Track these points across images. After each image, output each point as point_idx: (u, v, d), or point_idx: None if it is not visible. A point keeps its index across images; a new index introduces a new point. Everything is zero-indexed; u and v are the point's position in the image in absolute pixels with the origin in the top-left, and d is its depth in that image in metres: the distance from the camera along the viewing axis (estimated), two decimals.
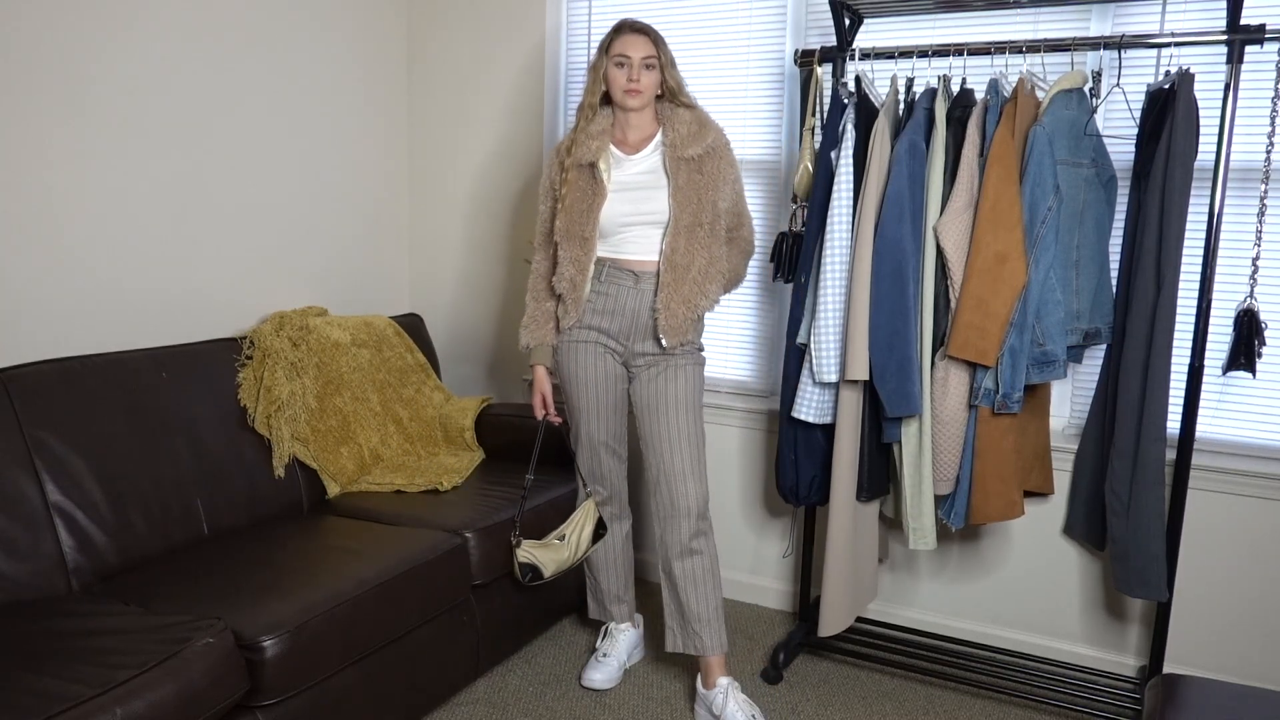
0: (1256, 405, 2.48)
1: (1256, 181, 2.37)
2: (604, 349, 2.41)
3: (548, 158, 2.48)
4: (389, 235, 3.45)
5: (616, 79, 2.31)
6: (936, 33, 2.65)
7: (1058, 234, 2.25)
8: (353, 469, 2.77)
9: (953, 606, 2.84)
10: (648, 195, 2.33)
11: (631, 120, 2.36)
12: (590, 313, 2.39)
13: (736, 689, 2.37)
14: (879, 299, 2.32)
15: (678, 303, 2.31)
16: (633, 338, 2.39)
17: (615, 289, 2.37)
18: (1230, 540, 2.50)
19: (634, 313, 2.37)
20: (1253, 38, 2.15)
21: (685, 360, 2.38)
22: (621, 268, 2.36)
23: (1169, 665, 2.54)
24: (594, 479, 2.56)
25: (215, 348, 2.59)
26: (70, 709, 1.52)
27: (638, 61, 2.29)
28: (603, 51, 2.34)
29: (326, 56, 3.09)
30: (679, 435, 2.37)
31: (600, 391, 2.44)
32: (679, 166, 2.31)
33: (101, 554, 2.14)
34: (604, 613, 2.68)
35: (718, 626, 2.39)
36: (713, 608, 2.39)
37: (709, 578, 2.38)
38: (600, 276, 2.37)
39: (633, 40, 2.30)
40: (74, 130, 2.37)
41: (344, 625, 2.02)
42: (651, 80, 2.32)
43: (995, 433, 2.33)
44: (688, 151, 2.30)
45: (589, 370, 2.42)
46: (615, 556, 2.65)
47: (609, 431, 2.50)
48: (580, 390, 2.45)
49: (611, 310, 2.37)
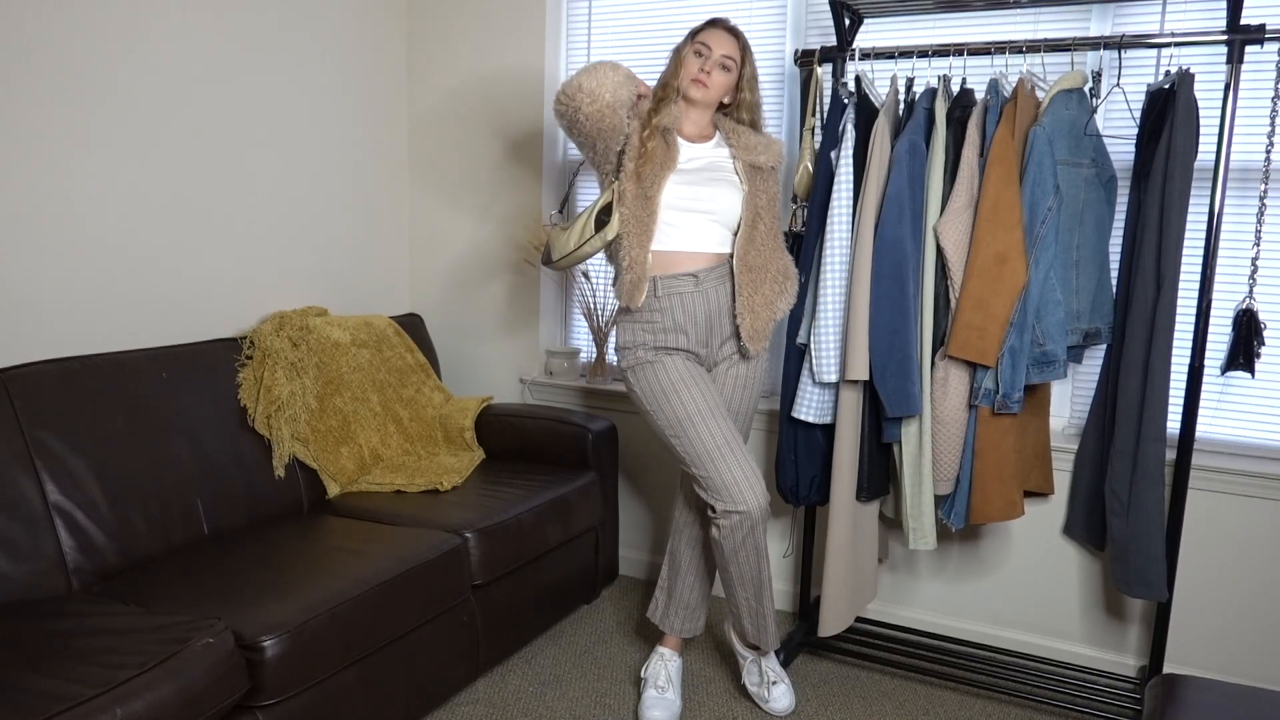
0: (1256, 405, 2.48)
1: (1256, 181, 2.37)
2: (687, 356, 2.28)
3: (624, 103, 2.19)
4: (389, 235, 3.45)
5: (689, 65, 2.25)
6: (936, 33, 2.65)
7: (1058, 234, 2.25)
8: (353, 469, 2.77)
9: (953, 606, 2.84)
10: (707, 185, 2.25)
11: (690, 114, 2.30)
12: (655, 332, 2.26)
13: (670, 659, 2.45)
14: (879, 299, 2.32)
15: (760, 304, 2.26)
16: (710, 342, 2.31)
17: (676, 301, 2.25)
18: (1230, 540, 2.50)
19: (707, 315, 2.27)
20: (1253, 38, 2.15)
21: (759, 364, 2.39)
22: (673, 274, 2.24)
23: (1169, 665, 2.54)
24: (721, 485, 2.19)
25: (215, 348, 2.59)
26: (70, 709, 1.52)
27: (717, 56, 2.24)
28: (690, 36, 2.29)
29: (327, 56, 3.09)
30: (744, 438, 2.40)
31: (705, 387, 2.23)
32: (752, 173, 2.28)
33: (101, 554, 2.14)
34: (672, 627, 2.47)
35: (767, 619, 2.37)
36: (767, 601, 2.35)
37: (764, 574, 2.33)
38: (655, 293, 2.24)
39: (720, 36, 2.26)
40: (74, 131, 2.37)
41: (344, 625, 2.02)
42: (722, 81, 2.26)
43: (995, 433, 2.33)
44: (759, 159, 2.28)
45: (684, 373, 2.23)
46: (705, 563, 2.46)
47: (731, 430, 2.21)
48: (684, 394, 2.20)
49: (680, 325, 2.25)
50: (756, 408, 2.48)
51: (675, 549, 2.51)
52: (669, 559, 2.52)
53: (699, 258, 2.27)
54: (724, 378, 2.38)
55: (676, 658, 2.47)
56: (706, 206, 2.26)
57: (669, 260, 2.26)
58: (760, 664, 2.45)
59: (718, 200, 2.27)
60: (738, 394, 2.39)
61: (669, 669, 2.43)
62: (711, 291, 2.28)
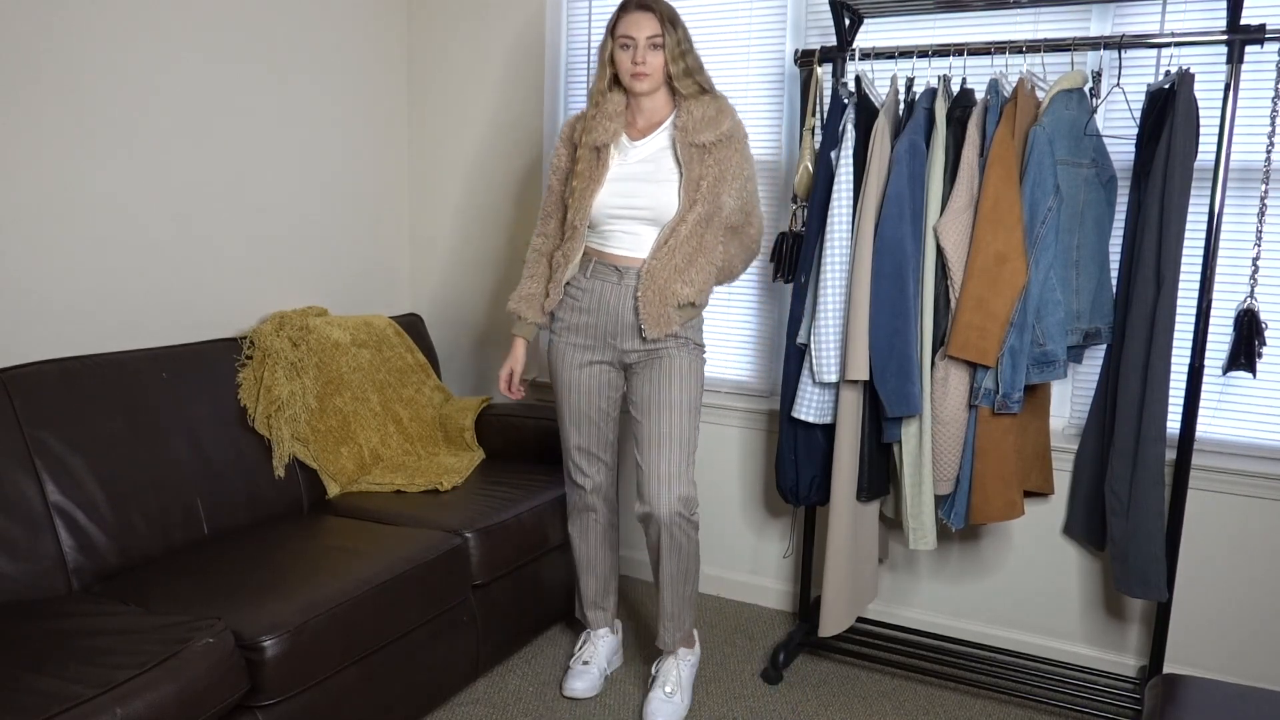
0: (1256, 405, 2.48)
1: (1256, 181, 2.37)
2: (592, 358, 2.35)
3: (560, 134, 2.39)
4: (389, 235, 3.45)
5: (622, 62, 2.20)
6: (936, 33, 2.65)
7: (1058, 234, 2.25)
8: (353, 469, 2.77)
9: (953, 606, 2.84)
10: (638, 188, 2.24)
11: (642, 105, 2.26)
12: (574, 310, 2.33)
13: (684, 660, 2.47)
14: (879, 299, 2.32)
15: (653, 291, 2.22)
16: (619, 335, 2.31)
17: (599, 285, 2.30)
18: (1230, 540, 2.50)
19: (617, 310, 2.29)
20: (1253, 38, 2.15)
21: (680, 357, 2.29)
22: (607, 263, 2.29)
23: (1169, 665, 2.54)
24: (570, 477, 2.50)
25: (215, 348, 2.59)
26: (70, 709, 1.52)
27: (643, 42, 2.17)
28: (608, 33, 2.23)
29: (326, 55, 3.09)
30: (667, 437, 2.28)
31: (583, 399, 2.39)
32: (691, 154, 2.21)
33: (101, 554, 2.14)
34: (583, 616, 2.62)
35: (682, 621, 2.43)
36: (681, 605, 2.41)
37: (684, 578, 2.38)
38: (587, 272, 2.31)
39: (638, 19, 2.18)
40: (74, 130, 2.37)
41: (344, 625, 2.02)
42: (659, 60, 2.19)
43: (995, 433, 2.33)
44: (700, 137, 2.20)
45: (575, 377, 2.38)
46: (594, 558, 2.56)
47: (590, 438, 2.43)
48: (564, 393, 2.41)
49: (595, 308, 2.30)
50: (696, 401, 2.33)
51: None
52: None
53: (630, 260, 2.28)
54: (639, 375, 2.33)
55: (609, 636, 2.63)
56: (641, 208, 2.24)
57: (604, 255, 2.30)
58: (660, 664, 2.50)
59: (653, 203, 2.23)
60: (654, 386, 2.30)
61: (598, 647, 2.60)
62: (629, 290, 2.27)
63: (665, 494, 2.27)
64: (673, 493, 2.26)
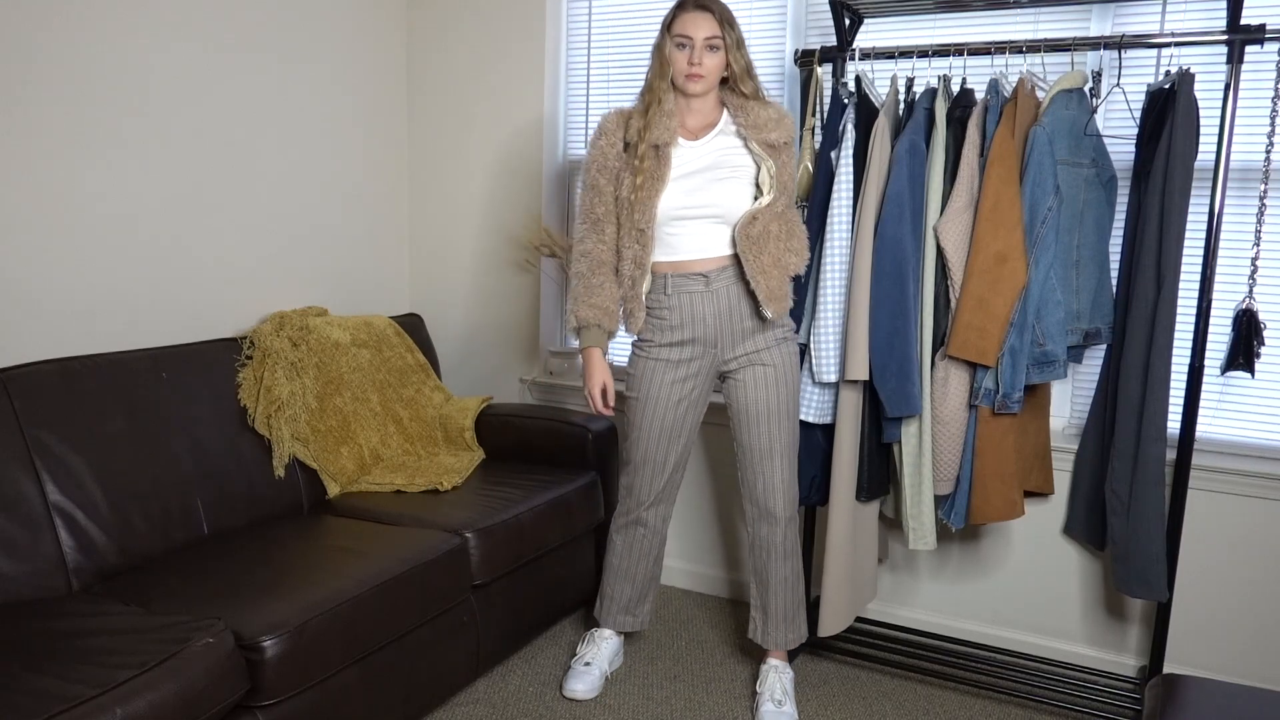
0: (1256, 405, 2.48)
1: (1256, 181, 2.37)
2: (686, 373, 2.30)
3: (601, 130, 2.27)
4: (389, 235, 3.45)
5: (678, 62, 2.16)
6: (936, 33, 2.65)
7: (1058, 234, 2.25)
8: (353, 469, 2.77)
9: (953, 606, 2.84)
10: (706, 186, 2.20)
11: (693, 105, 2.23)
12: (661, 329, 2.27)
13: (784, 672, 2.44)
14: (879, 299, 2.32)
15: (769, 264, 2.19)
16: (721, 344, 2.27)
17: (685, 299, 2.24)
18: (1230, 540, 2.50)
19: (716, 316, 2.25)
20: (1253, 38, 2.15)
21: (780, 356, 2.29)
22: (683, 273, 2.23)
23: (1169, 665, 2.54)
24: (633, 493, 2.44)
25: (215, 348, 2.59)
26: (70, 709, 1.52)
27: (700, 43, 2.14)
28: (664, 30, 2.18)
29: (326, 56, 3.09)
30: (778, 446, 2.32)
31: (675, 417, 2.33)
32: (766, 151, 2.20)
33: (101, 554, 2.14)
34: (610, 620, 2.59)
35: (797, 623, 2.48)
36: (794, 607, 2.46)
37: (798, 581, 2.46)
38: (665, 290, 2.25)
39: (695, 19, 2.14)
40: (74, 130, 2.37)
41: (344, 625, 2.02)
42: (715, 63, 2.17)
43: (995, 433, 2.33)
44: (771, 136, 2.20)
45: (668, 394, 2.30)
46: (635, 570, 2.53)
47: (673, 456, 2.37)
48: (652, 409, 2.31)
49: (685, 322, 2.25)
50: (796, 404, 2.35)
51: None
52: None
53: (707, 262, 2.25)
54: (743, 383, 2.32)
55: (613, 638, 2.61)
56: (711, 210, 2.22)
57: (678, 265, 2.26)
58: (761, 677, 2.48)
59: (722, 200, 2.22)
60: (762, 394, 2.31)
61: (601, 647, 2.57)
62: (723, 292, 2.25)
63: (782, 501, 2.34)
64: (788, 498, 2.34)
